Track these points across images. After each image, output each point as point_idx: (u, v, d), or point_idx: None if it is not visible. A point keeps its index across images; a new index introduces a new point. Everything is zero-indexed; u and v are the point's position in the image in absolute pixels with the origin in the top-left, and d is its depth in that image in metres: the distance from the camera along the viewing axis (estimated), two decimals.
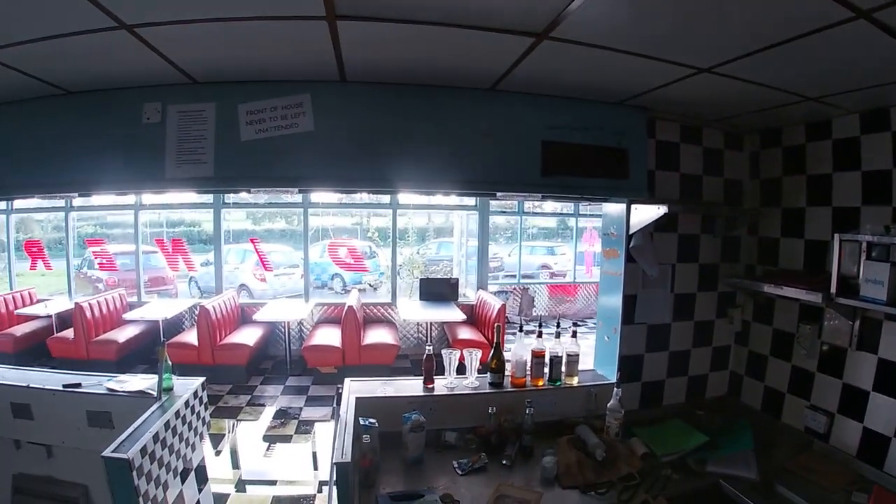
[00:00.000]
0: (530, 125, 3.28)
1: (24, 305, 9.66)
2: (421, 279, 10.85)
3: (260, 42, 2.48)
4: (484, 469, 3.17)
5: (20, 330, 9.08)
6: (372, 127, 3.10)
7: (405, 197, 10.29)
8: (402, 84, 3.08)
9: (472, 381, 3.74)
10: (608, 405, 3.44)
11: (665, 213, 3.29)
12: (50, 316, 9.27)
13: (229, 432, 6.90)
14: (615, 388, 3.43)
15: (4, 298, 9.51)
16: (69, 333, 8.74)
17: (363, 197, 11.15)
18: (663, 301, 3.85)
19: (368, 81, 3.05)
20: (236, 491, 5.31)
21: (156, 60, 2.64)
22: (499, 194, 3.43)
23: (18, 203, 10.16)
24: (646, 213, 3.44)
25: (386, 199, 10.48)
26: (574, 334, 3.78)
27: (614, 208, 3.77)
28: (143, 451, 2.87)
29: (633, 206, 3.56)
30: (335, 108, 3.04)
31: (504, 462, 3.22)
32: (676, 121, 3.73)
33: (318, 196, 10.39)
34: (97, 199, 10.62)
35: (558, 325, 3.79)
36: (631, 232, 3.59)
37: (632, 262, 3.67)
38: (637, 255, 3.62)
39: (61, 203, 10.29)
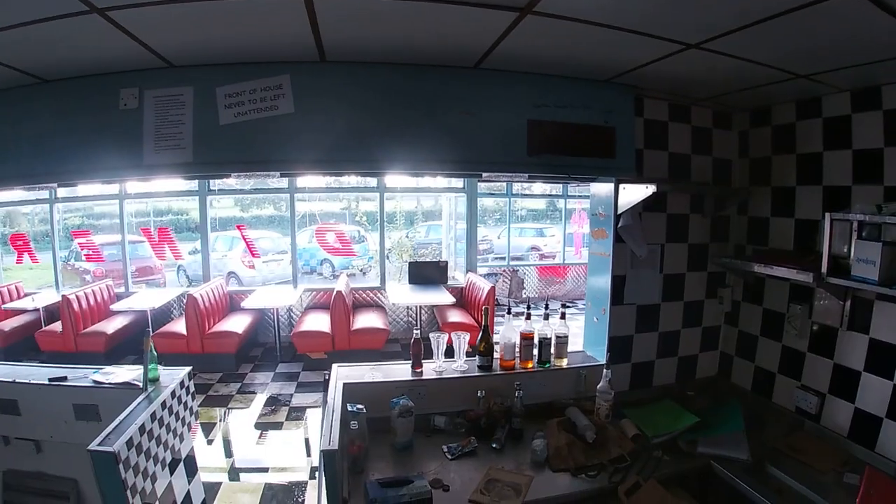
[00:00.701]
0: (516, 104, 3.23)
1: (12, 300, 9.56)
2: (410, 263, 10.83)
3: (236, 22, 2.41)
4: (474, 453, 3.16)
5: (8, 325, 9.01)
6: (354, 108, 3.04)
7: (393, 180, 10.22)
8: (383, 63, 3.02)
9: (460, 365, 3.72)
10: (598, 387, 3.42)
11: (654, 193, 3.27)
12: (37, 309, 9.20)
13: (220, 421, 6.88)
14: (605, 370, 3.42)
15: None
16: (57, 326, 8.68)
17: (350, 181, 11.05)
18: (652, 281, 3.83)
19: (349, 61, 2.99)
20: (229, 479, 5.30)
21: (130, 44, 2.57)
22: (485, 174, 3.39)
23: (2, 196, 10.02)
24: (634, 193, 3.41)
25: (373, 182, 10.40)
26: (563, 316, 3.76)
27: (602, 188, 3.75)
28: (129, 443, 2.83)
29: (622, 186, 3.54)
30: (316, 89, 2.98)
31: (494, 446, 3.21)
32: (664, 99, 3.69)
33: (305, 181, 10.31)
34: (82, 190, 10.49)
35: (547, 307, 3.77)
36: (619, 212, 3.57)
37: (620, 243, 3.66)
38: (625, 235, 3.59)
39: (45, 195, 10.14)
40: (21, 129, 3.07)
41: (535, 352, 3.75)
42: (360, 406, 3.06)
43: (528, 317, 3.73)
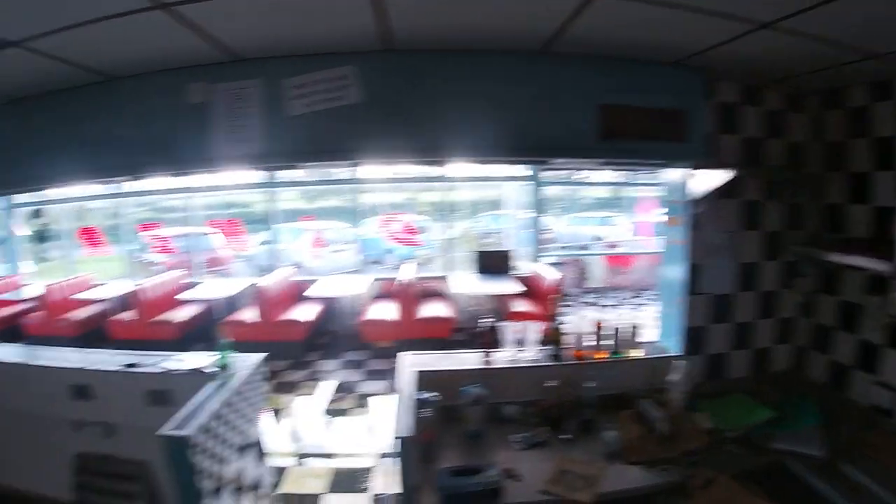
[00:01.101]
0: (584, 88, 3.18)
1: (84, 291, 9.85)
2: (475, 252, 10.75)
3: (302, 14, 2.44)
4: (544, 443, 3.16)
5: (81, 314, 9.31)
6: (419, 96, 3.05)
7: (456, 170, 10.18)
8: (448, 51, 3.01)
9: (530, 354, 3.70)
10: (671, 378, 3.36)
11: (727, 179, 3.18)
12: (109, 299, 9.48)
13: (289, 407, 6.98)
14: (678, 361, 3.36)
15: (65, 285, 9.74)
16: (128, 315, 8.93)
17: (414, 171, 11.07)
18: (727, 270, 3.74)
19: (414, 49, 2.99)
20: (297, 464, 5.38)
21: (195, 39, 2.63)
22: (555, 161, 3.36)
23: (75, 191, 10.31)
24: (708, 179, 3.33)
25: (437, 172, 10.39)
26: (634, 305, 3.70)
27: (675, 174, 3.67)
28: (202, 428, 2.90)
29: (695, 172, 3.45)
30: (381, 78, 3.00)
31: (565, 436, 3.19)
32: (735, 81, 3.58)
33: (369, 172, 10.36)
34: (151, 184, 10.75)
35: (616, 297, 3.71)
36: (693, 198, 3.49)
37: (695, 230, 3.58)
38: (700, 222, 3.51)
39: (116, 189, 10.44)
40: (85, 126, 3.20)
41: (606, 342, 3.70)
42: (433, 394, 3.07)
43: (598, 306, 3.68)
